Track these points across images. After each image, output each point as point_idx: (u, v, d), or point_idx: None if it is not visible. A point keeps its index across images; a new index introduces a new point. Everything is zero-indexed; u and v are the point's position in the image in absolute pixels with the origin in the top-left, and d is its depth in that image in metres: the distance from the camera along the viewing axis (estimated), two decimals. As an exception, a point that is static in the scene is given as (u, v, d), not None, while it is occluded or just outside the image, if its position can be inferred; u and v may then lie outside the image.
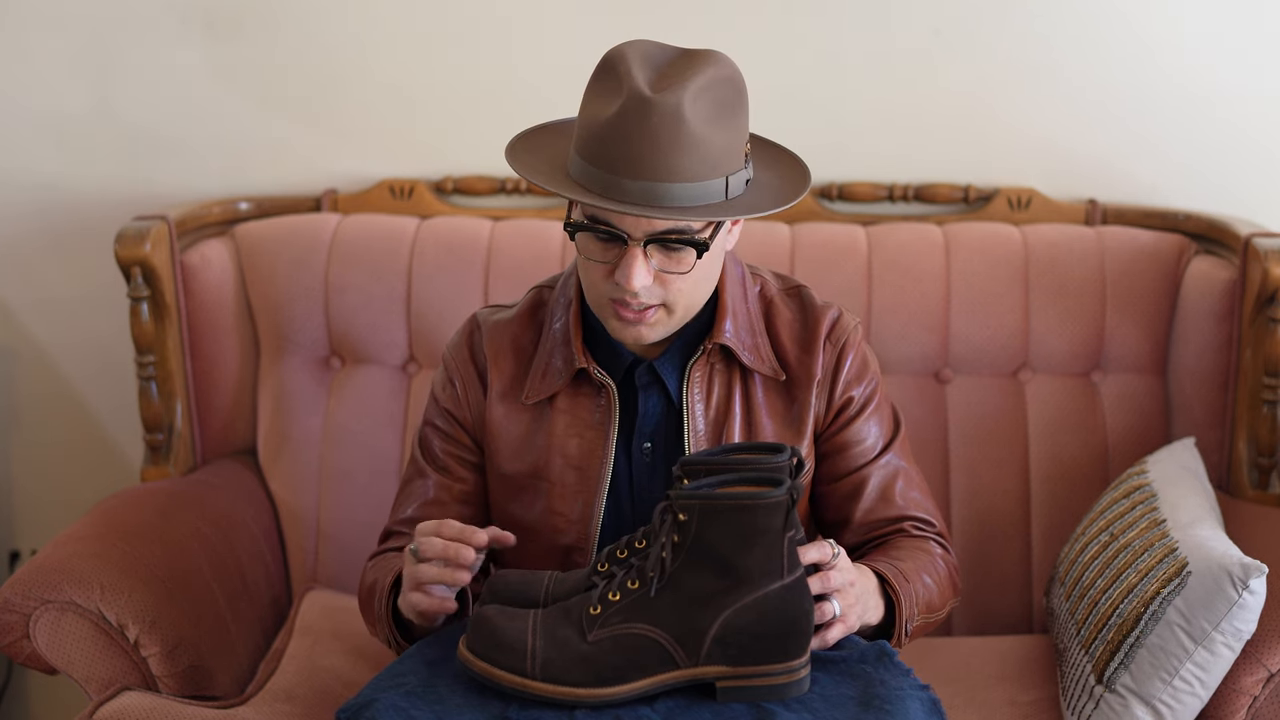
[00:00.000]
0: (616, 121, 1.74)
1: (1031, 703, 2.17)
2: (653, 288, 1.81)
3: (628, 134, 1.73)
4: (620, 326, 1.85)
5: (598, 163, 1.76)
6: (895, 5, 2.67)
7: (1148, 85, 2.67)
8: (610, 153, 1.74)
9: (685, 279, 1.82)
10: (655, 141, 1.72)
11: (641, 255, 1.78)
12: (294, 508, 2.58)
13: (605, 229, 1.78)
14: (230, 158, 2.75)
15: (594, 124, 1.77)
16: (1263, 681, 1.99)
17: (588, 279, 1.85)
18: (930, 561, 1.95)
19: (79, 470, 2.87)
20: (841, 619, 1.78)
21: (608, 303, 1.83)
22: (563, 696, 1.67)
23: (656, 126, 1.72)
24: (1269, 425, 2.41)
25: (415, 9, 2.71)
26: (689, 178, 1.74)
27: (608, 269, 1.81)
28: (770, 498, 1.66)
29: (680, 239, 1.77)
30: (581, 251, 1.83)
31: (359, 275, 2.56)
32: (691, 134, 1.73)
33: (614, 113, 1.74)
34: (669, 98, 1.73)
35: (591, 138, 1.77)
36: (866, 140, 2.70)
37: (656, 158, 1.73)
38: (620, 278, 1.79)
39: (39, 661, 2.13)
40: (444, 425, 2.01)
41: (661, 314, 1.84)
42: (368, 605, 1.95)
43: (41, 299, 2.83)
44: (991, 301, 2.51)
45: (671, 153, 1.73)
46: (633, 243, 1.78)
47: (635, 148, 1.73)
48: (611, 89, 1.77)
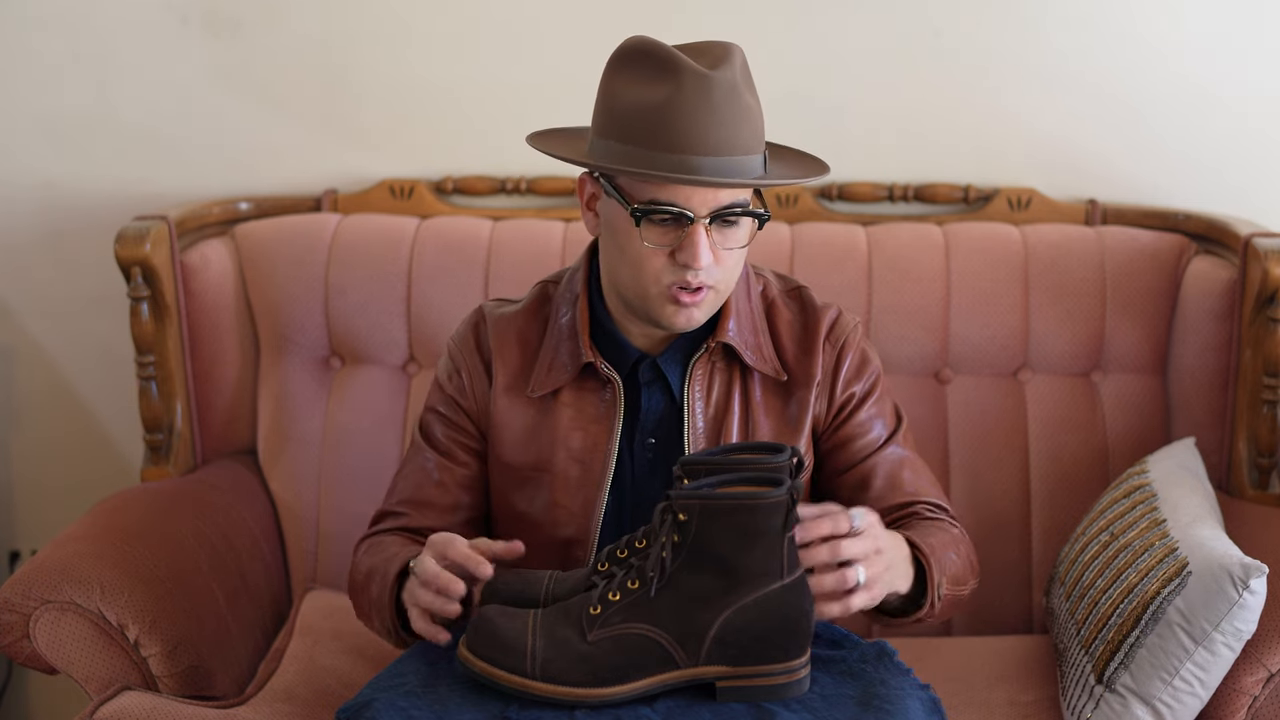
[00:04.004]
0: (677, 100, 1.76)
1: (1031, 703, 2.17)
2: (712, 267, 1.83)
3: (693, 111, 1.76)
4: (676, 312, 1.85)
5: (655, 144, 1.77)
6: (895, 5, 2.67)
7: (1148, 85, 2.67)
8: (674, 131, 1.77)
9: (735, 256, 1.85)
10: (720, 116, 1.77)
11: (706, 232, 1.80)
12: (294, 508, 2.58)
13: (672, 210, 1.80)
14: (230, 158, 2.75)
15: (644, 107, 1.78)
16: (1263, 681, 1.99)
17: (641, 270, 1.84)
18: (952, 538, 1.94)
19: (79, 470, 2.87)
20: (866, 587, 1.74)
21: (665, 289, 1.84)
22: (562, 696, 1.67)
23: (719, 101, 1.77)
24: (1269, 425, 2.41)
25: (415, 9, 2.71)
26: (747, 150, 1.80)
27: (667, 253, 1.82)
28: (770, 498, 1.66)
29: (743, 212, 1.82)
30: (640, 238, 1.82)
31: (359, 275, 2.56)
32: (748, 107, 1.80)
33: (671, 91, 1.77)
34: (725, 73, 1.78)
35: (644, 120, 1.78)
36: (866, 140, 2.70)
37: (722, 132, 1.77)
38: (687, 258, 1.81)
39: (39, 661, 2.13)
40: (448, 412, 2.01)
41: (711, 295, 1.86)
42: (363, 590, 1.93)
43: (41, 299, 2.83)
44: (991, 301, 2.51)
45: (734, 126, 1.78)
46: (698, 221, 1.80)
47: (702, 123, 1.76)
48: (656, 73, 1.79)
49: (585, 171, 1.91)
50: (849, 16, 2.67)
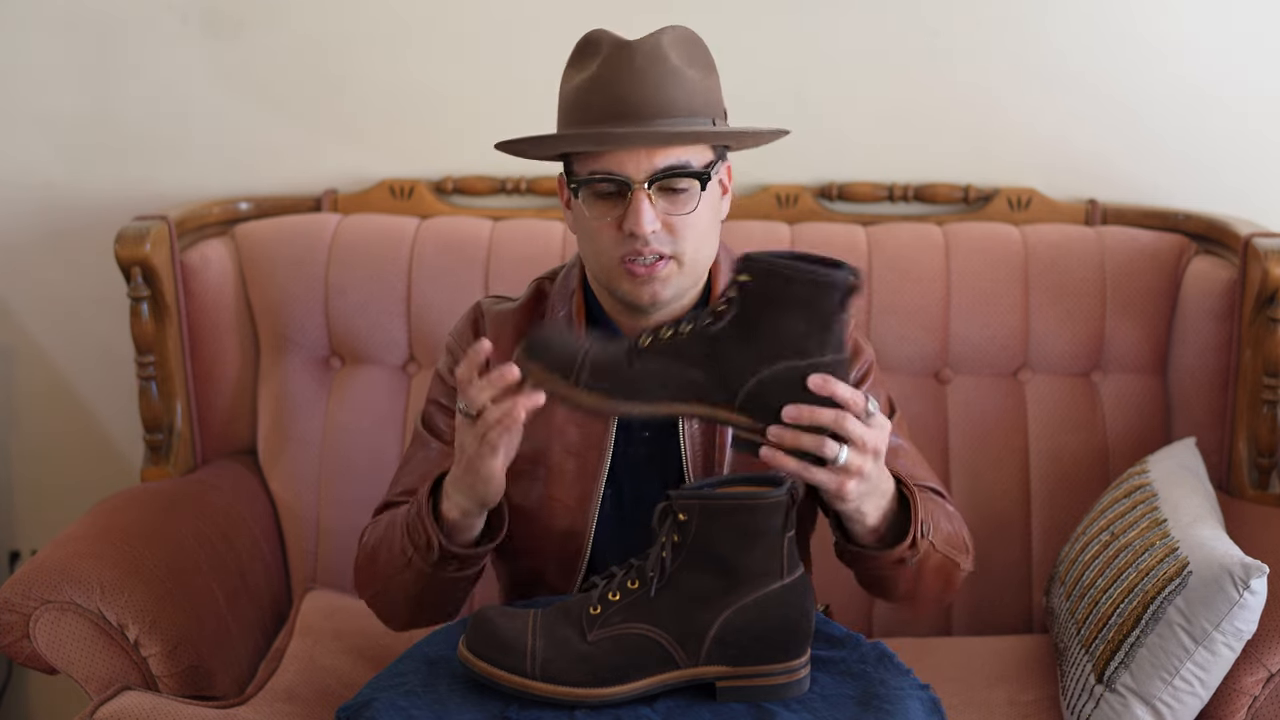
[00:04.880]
0: (600, 73, 1.80)
1: (1031, 702, 2.17)
2: (661, 234, 1.83)
3: (615, 80, 1.79)
4: (633, 287, 1.86)
5: (585, 120, 1.81)
6: (895, 5, 2.67)
7: (1148, 85, 2.67)
8: (598, 103, 1.80)
9: (691, 224, 1.84)
10: (643, 80, 1.79)
11: (646, 198, 1.81)
12: (294, 508, 2.58)
13: (607, 177, 1.81)
14: (230, 158, 2.75)
15: (575, 88, 1.82)
16: (1263, 681, 1.99)
17: (595, 245, 1.86)
18: (945, 512, 1.91)
19: (79, 470, 2.87)
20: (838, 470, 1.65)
21: (618, 264, 1.85)
22: (562, 696, 1.67)
23: (642, 66, 1.80)
24: (1269, 425, 2.41)
25: (416, 10, 2.71)
26: (678, 113, 1.81)
27: (614, 225, 1.83)
28: (770, 498, 1.66)
29: (683, 172, 1.82)
30: (587, 213, 1.84)
31: (359, 275, 2.56)
32: (675, 69, 1.81)
33: (596, 66, 1.80)
34: (648, 41, 1.82)
35: (576, 101, 1.82)
36: (866, 140, 2.70)
37: (645, 95, 1.79)
38: (630, 225, 1.81)
39: (39, 661, 2.13)
40: (449, 402, 2.02)
41: (672, 267, 1.85)
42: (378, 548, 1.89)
43: (41, 299, 2.83)
44: (991, 301, 2.51)
45: (659, 88, 1.79)
46: (636, 186, 1.81)
47: (624, 90, 1.79)
48: (588, 54, 1.84)
49: (561, 173, 1.94)
50: (848, 17, 2.67)
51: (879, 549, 1.79)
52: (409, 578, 1.87)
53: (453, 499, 1.81)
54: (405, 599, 1.91)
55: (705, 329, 1.65)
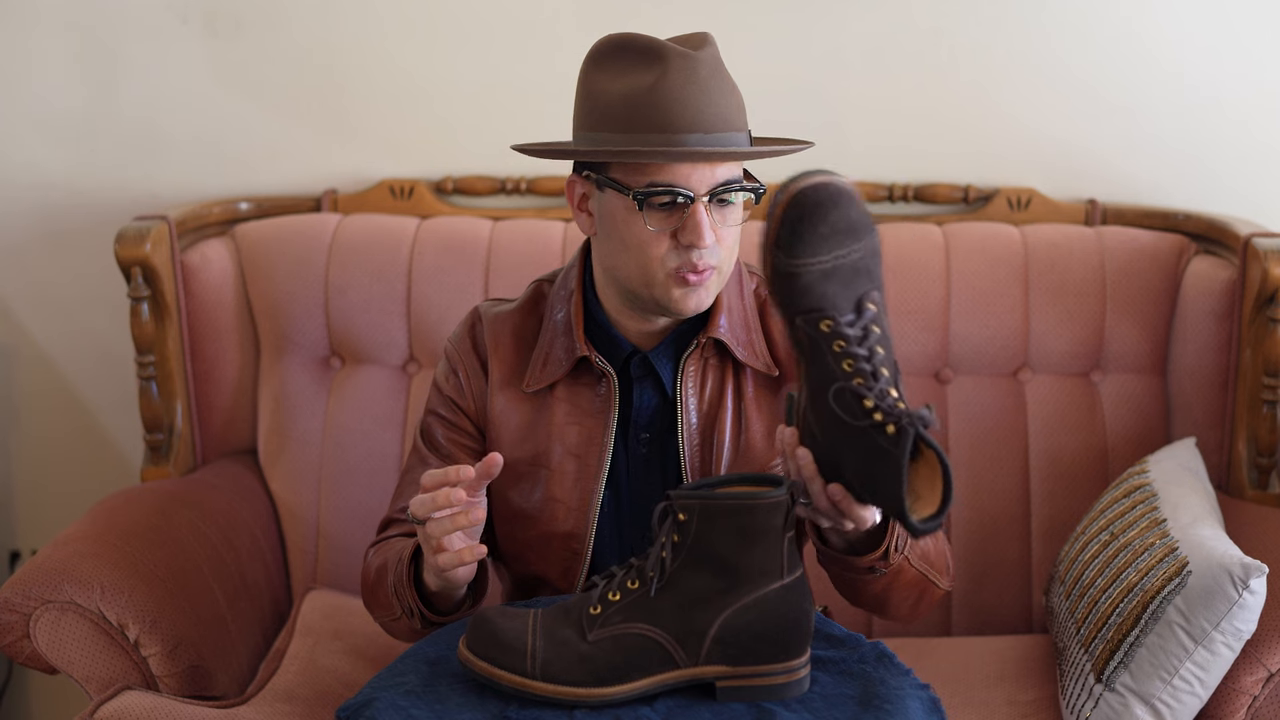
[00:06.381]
0: (665, 82, 1.79)
1: (1031, 702, 2.17)
2: (715, 246, 1.85)
3: (683, 90, 1.79)
4: (684, 295, 1.86)
5: (650, 127, 1.79)
6: (895, 5, 2.67)
7: (1148, 85, 2.67)
8: (667, 112, 1.79)
9: (733, 235, 1.87)
10: (709, 94, 1.80)
11: (706, 212, 1.83)
12: (294, 508, 2.58)
13: (673, 190, 1.81)
14: (230, 158, 2.76)
15: (633, 93, 1.80)
16: (1262, 681, 1.99)
17: (644, 255, 1.85)
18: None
19: (79, 470, 2.87)
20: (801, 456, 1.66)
21: (671, 273, 1.85)
22: (562, 696, 1.67)
23: (707, 79, 1.80)
24: (1269, 425, 2.41)
25: (415, 10, 2.71)
26: (736, 126, 1.83)
27: (669, 236, 1.84)
28: (770, 498, 1.66)
29: (741, 187, 1.84)
30: (645, 225, 1.83)
31: (359, 275, 2.56)
32: (733, 85, 1.83)
33: (659, 74, 1.79)
34: (709, 52, 1.82)
35: (635, 106, 1.80)
36: (866, 140, 2.70)
37: (713, 109, 1.80)
38: (692, 238, 1.82)
39: (39, 661, 2.13)
40: (447, 414, 2.02)
41: (715, 277, 1.87)
42: (377, 587, 1.94)
43: (41, 299, 2.83)
44: (991, 301, 2.51)
45: (722, 102, 1.81)
46: (699, 200, 1.82)
47: (694, 101, 1.79)
48: (639, 60, 1.82)
49: (573, 174, 1.92)
50: (849, 17, 2.67)
51: (849, 553, 1.80)
52: (404, 626, 1.92)
53: (428, 574, 1.84)
54: (410, 635, 1.95)
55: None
